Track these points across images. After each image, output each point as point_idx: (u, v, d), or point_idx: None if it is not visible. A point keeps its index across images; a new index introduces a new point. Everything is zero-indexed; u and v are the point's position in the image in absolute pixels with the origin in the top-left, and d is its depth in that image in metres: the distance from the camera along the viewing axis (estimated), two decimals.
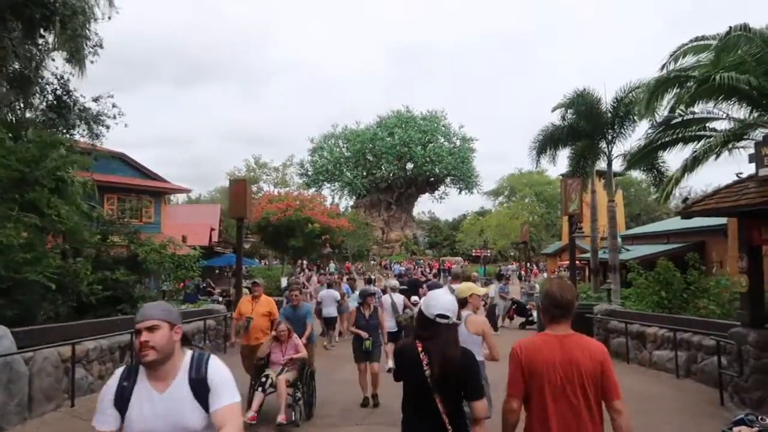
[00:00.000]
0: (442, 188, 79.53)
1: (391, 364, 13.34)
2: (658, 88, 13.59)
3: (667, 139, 14.99)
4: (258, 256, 58.22)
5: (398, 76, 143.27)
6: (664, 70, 14.15)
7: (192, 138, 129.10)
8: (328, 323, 16.48)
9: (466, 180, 76.22)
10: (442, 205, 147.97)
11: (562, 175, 40.21)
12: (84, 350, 9.80)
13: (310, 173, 75.40)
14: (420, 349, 3.68)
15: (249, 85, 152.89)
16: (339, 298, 16.61)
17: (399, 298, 13.12)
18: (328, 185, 76.17)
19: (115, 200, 29.92)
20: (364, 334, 9.45)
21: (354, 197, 77.25)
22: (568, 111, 21.72)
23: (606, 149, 21.23)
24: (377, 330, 9.85)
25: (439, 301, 3.83)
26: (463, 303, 6.41)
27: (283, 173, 66.49)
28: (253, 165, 65.86)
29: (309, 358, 9.43)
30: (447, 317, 3.74)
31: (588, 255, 32.98)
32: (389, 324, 12.57)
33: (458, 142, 76.72)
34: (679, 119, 14.52)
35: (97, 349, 10.18)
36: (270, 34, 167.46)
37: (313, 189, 67.59)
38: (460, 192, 78.06)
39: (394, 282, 15.39)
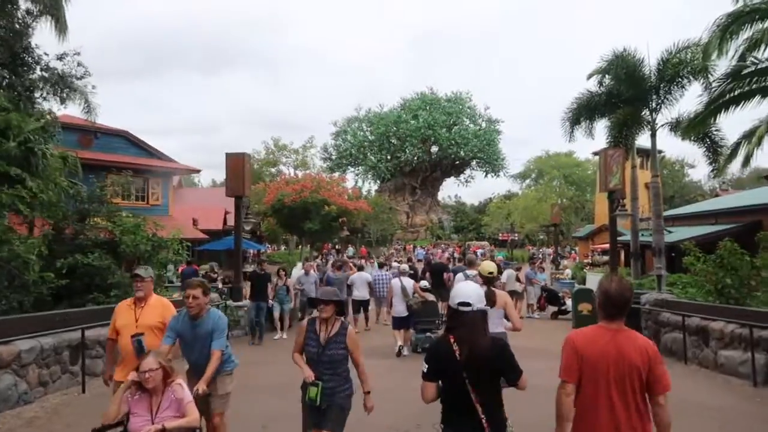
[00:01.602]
0: (467, 171, 77.32)
1: (406, 351, 12.44)
2: (732, 23, 11.15)
3: (737, 92, 12.55)
4: (283, 241, 56.57)
5: (420, 62, 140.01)
6: (740, 3, 11.67)
7: (218, 125, 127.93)
8: (362, 306, 16.15)
9: (492, 163, 73.84)
10: (467, 189, 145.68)
11: (594, 153, 37.78)
12: (13, 352, 7.90)
13: (333, 157, 73.69)
14: (452, 340, 3.67)
15: (273, 70, 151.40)
16: (370, 280, 16.14)
17: (409, 282, 12.82)
18: (352, 169, 74.47)
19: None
20: (309, 375, 4.99)
21: (378, 181, 75.23)
22: (606, 76, 19.38)
23: (649, 117, 18.83)
24: (342, 366, 5.11)
25: (461, 290, 3.84)
26: (488, 280, 7.10)
27: (303, 155, 64.44)
28: (272, 147, 63.84)
29: (215, 410, 5.53)
30: (468, 304, 3.72)
31: (625, 237, 30.70)
32: (399, 308, 12.56)
33: (484, 124, 74.30)
34: (752, 68, 12.13)
35: (34, 349, 8.26)
36: (293, 20, 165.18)
37: (337, 173, 65.54)
38: (486, 175, 75.81)
39: (405, 266, 14.77)
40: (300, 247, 43.56)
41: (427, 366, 3.75)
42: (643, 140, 20.18)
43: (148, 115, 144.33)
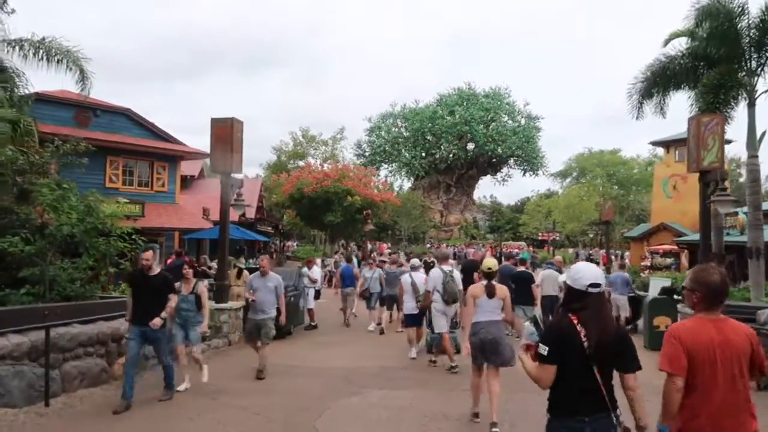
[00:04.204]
0: (504, 170, 73.74)
1: (413, 353, 11.45)
2: None
3: None
4: (310, 237, 53.73)
5: (458, 62, 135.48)
6: None
7: (256, 123, 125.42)
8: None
9: (530, 161, 70.23)
10: (503, 190, 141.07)
11: (652, 142, 33.54)
12: None
13: (367, 154, 71.11)
14: (576, 321, 3.56)
15: (311, 70, 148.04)
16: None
17: (420, 278, 11.88)
18: (386, 166, 71.76)
19: (119, 164, 25.31)
20: None
21: (412, 178, 72.49)
22: (696, 30, 15.46)
23: (746, 82, 14.98)
24: None
25: (589, 272, 3.73)
26: (489, 275, 7.51)
27: (333, 147, 61.29)
28: (300, 138, 60.80)
29: None
30: (599, 285, 3.67)
31: (686, 238, 26.78)
32: (409, 305, 11.64)
33: (523, 121, 70.61)
34: None
35: None
36: (332, 20, 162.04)
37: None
38: (524, 173, 72.26)
39: (416, 261, 13.58)
40: (325, 242, 40.38)
41: (547, 348, 3.54)
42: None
43: (186, 111, 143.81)
